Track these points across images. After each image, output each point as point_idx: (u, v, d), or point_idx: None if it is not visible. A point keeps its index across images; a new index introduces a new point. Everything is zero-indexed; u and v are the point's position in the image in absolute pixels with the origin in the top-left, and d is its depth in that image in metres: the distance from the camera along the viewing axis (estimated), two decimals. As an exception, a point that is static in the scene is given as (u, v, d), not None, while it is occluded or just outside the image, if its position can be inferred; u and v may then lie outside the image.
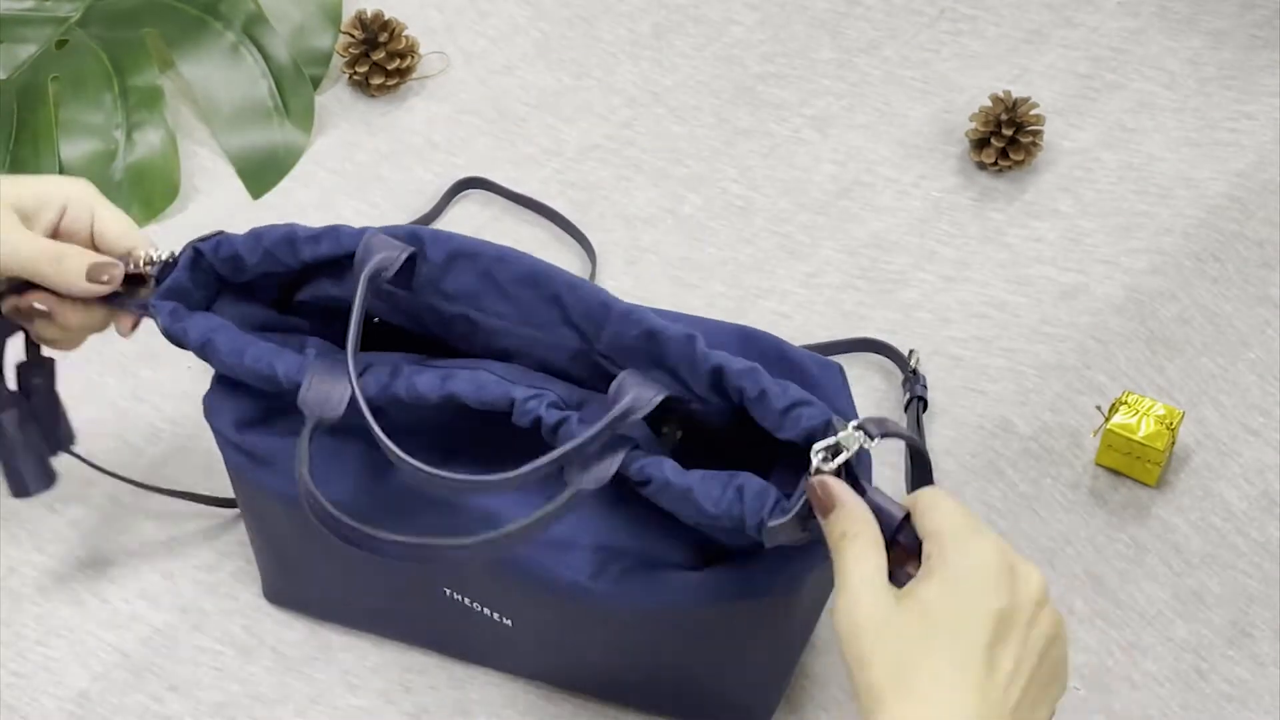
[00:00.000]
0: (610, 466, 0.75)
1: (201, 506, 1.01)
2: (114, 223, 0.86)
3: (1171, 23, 1.35)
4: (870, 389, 1.09)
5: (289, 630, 0.97)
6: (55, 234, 0.85)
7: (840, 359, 1.04)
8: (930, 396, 1.09)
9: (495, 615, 0.87)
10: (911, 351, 1.08)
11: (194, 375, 1.09)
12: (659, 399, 0.75)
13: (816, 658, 0.96)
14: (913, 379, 1.07)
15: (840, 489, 0.73)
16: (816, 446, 0.72)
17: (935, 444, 1.07)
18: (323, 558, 0.89)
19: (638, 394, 0.75)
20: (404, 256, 0.79)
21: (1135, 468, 1.04)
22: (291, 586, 0.95)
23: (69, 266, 0.83)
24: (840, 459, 0.72)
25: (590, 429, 0.74)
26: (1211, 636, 0.98)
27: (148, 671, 0.95)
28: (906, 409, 1.06)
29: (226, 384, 0.86)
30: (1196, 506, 1.04)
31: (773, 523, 0.74)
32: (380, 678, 0.95)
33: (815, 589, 0.86)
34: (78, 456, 0.93)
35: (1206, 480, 1.05)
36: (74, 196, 0.85)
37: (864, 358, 1.11)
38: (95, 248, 0.85)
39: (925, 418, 1.07)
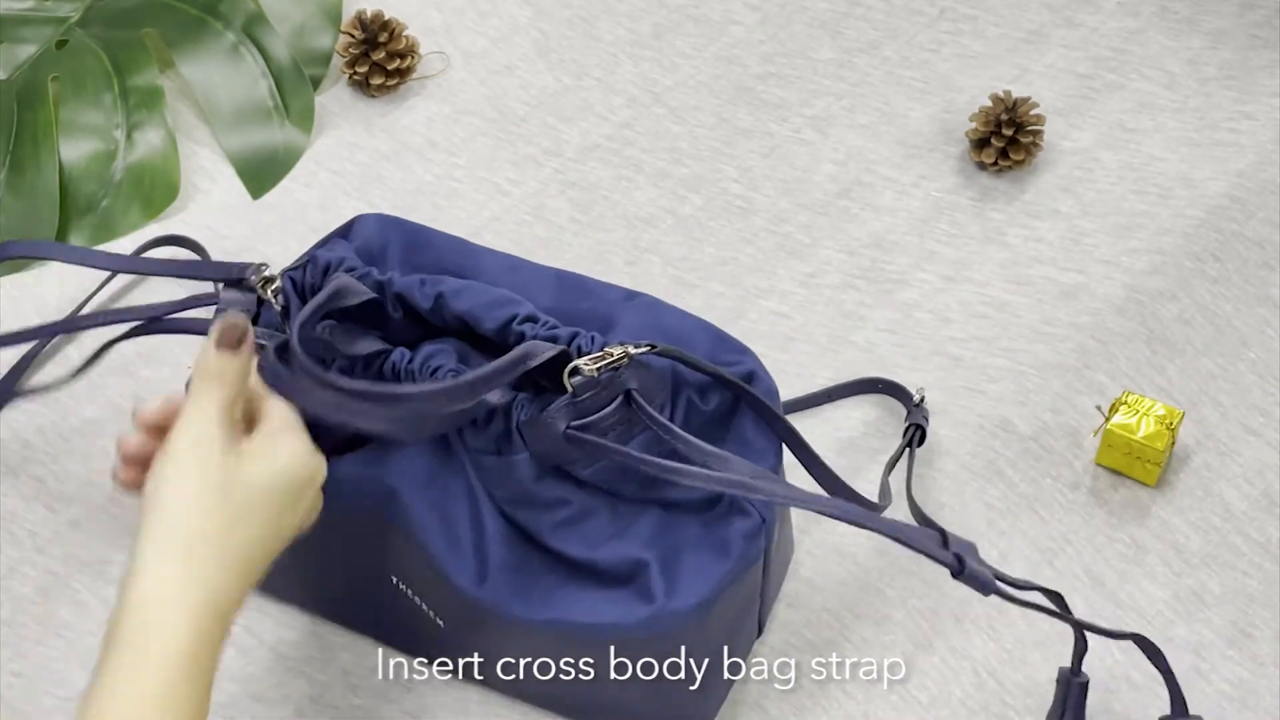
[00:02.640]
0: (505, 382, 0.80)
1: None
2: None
3: (1171, 23, 1.35)
4: (864, 416, 1.09)
5: (289, 630, 0.97)
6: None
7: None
8: (930, 396, 1.09)
9: (431, 614, 0.89)
10: (920, 389, 1.07)
11: (194, 375, 1.09)
12: (550, 354, 0.80)
13: (815, 658, 0.96)
14: (916, 410, 1.06)
15: (243, 331, 0.76)
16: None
17: (935, 444, 1.07)
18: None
19: (533, 346, 0.80)
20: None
21: (1135, 468, 1.04)
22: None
23: (212, 365, 0.77)
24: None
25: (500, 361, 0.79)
26: (1211, 636, 0.98)
27: (148, 671, 0.95)
28: (905, 436, 1.05)
29: None
30: (1196, 506, 1.04)
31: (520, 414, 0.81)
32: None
33: (727, 608, 0.87)
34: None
35: (1206, 480, 1.05)
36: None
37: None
38: None
39: (921, 450, 1.06)
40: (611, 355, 0.81)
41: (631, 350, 0.81)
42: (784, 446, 0.88)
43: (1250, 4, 1.36)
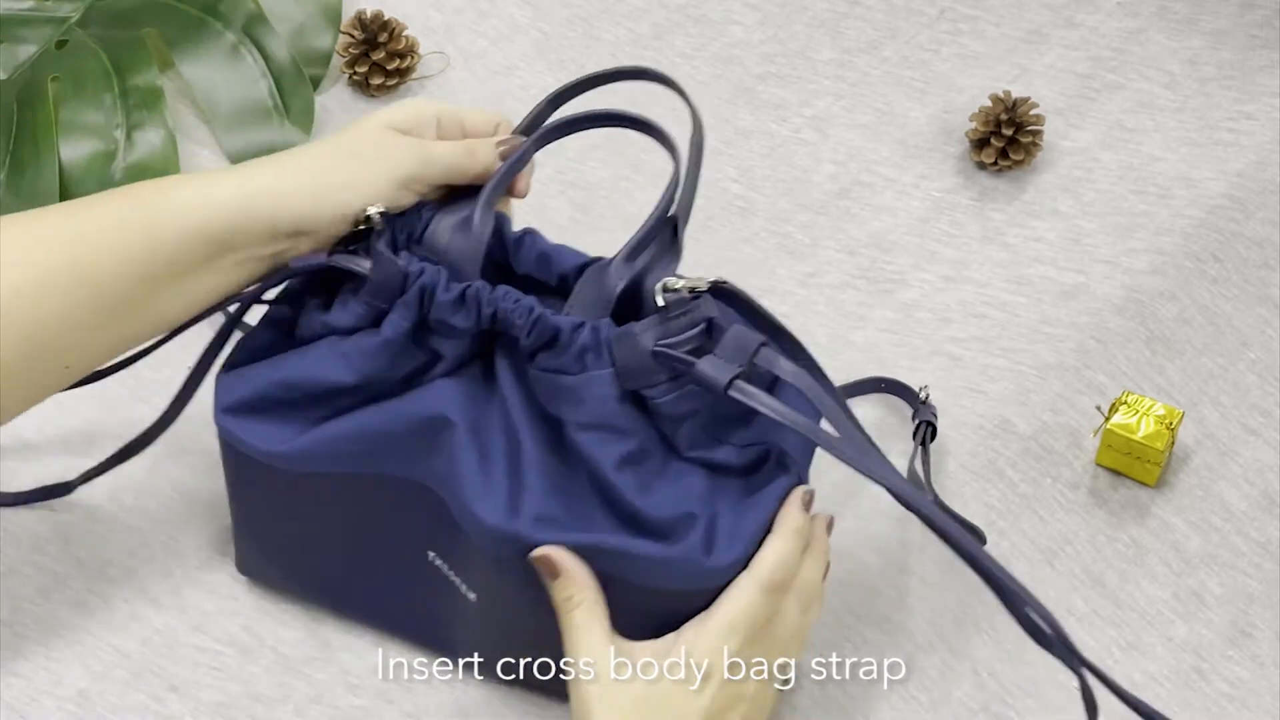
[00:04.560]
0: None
1: (198, 510, 1.01)
2: (479, 114, 0.93)
3: (1171, 23, 1.35)
4: (867, 416, 1.09)
5: (289, 630, 0.97)
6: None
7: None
8: (930, 395, 1.09)
9: (463, 587, 0.89)
10: (923, 387, 1.07)
11: (194, 375, 1.09)
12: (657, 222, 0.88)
13: (815, 658, 0.96)
14: (923, 408, 1.06)
15: (563, 558, 0.81)
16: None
17: (935, 444, 1.07)
18: (308, 523, 0.92)
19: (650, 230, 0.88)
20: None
21: (1135, 468, 1.04)
22: (268, 560, 0.96)
23: (482, 154, 0.90)
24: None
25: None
26: (1211, 636, 0.98)
27: (148, 671, 0.95)
28: (916, 435, 1.05)
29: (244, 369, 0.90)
30: (1196, 506, 1.04)
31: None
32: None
33: None
34: None
35: (1206, 480, 1.05)
36: (442, 110, 0.91)
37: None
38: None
39: (933, 447, 1.06)
40: (698, 279, 0.84)
41: (710, 279, 0.84)
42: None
43: (1250, 4, 1.36)
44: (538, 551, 0.82)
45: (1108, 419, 1.04)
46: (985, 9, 1.37)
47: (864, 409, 1.09)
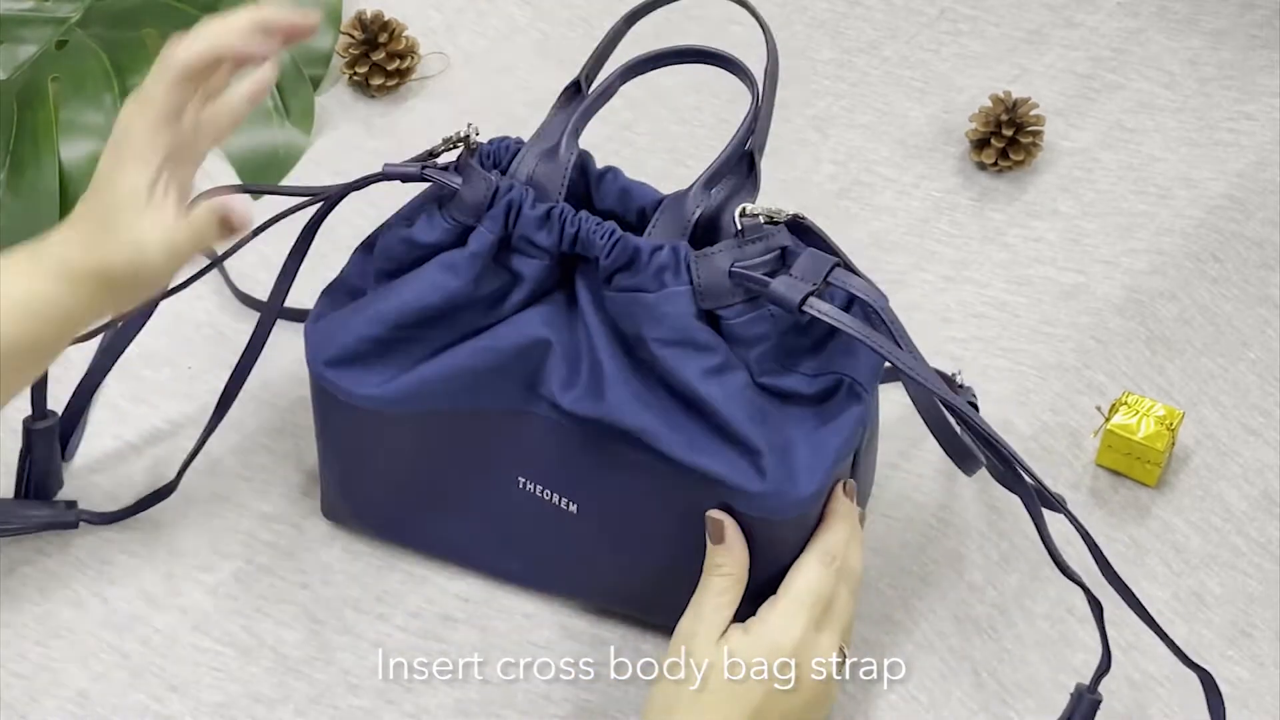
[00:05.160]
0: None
1: (198, 510, 1.02)
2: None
3: (1171, 23, 1.35)
4: (895, 403, 1.09)
5: (289, 630, 0.97)
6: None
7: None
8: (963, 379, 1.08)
9: (563, 502, 0.91)
10: (957, 372, 1.06)
11: (194, 375, 1.09)
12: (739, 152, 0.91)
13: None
14: (961, 391, 1.05)
15: (731, 530, 0.85)
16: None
17: (934, 444, 1.07)
18: (400, 461, 0.95)
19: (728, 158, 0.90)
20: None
21: (1135, 468, 1.04)
22: (355, 502, 0.99)
23: (209, 237, 0.84)
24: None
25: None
26: (1211, 636, 0.98)
27: (148, 671, 0.95)
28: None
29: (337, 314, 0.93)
30: (1196, 506, 1.04)
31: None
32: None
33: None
34: None
35: (1206, 480, 1.06)
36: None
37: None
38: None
39: (919, 451, 1.06)
40: (776, 209, 0.87)
41: (789, 210, 0.87)
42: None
43: (1250, 4, 1.36)
44: (713, 512, 0.86)
45: (1108, 419, 1.04)
46: (985, 9, 1.37)
47: (894, 397, 1.09)
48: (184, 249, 0.83)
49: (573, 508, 0.91)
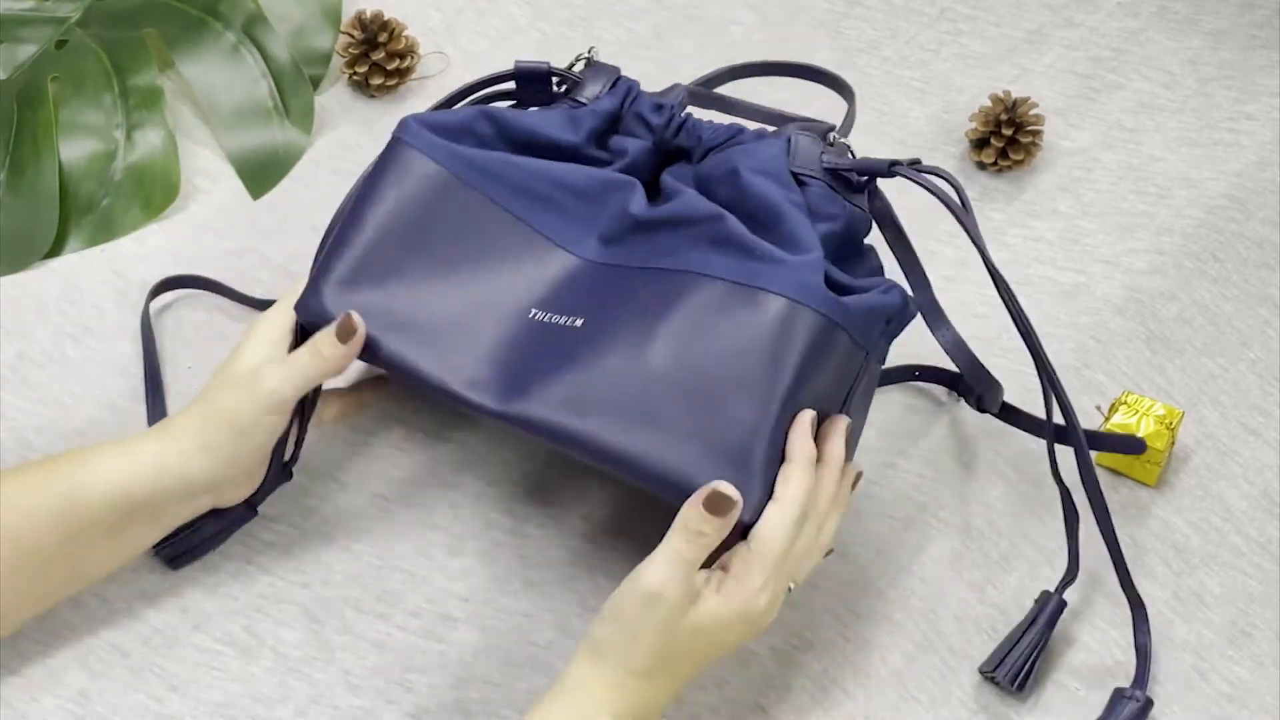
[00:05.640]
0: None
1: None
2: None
3: (1171, 23, 1.35)
4: (900, 402, 1.09)
5: (289, 630, 0.97)
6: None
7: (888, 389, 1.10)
8: (931, 395, 1.09)
9: (567, 320, 0.92)
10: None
11: (194, 375, 1.09)
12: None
13: (815, 658, 0.96)
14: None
15: (732, 518, 0.84)
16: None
17: (934, 444, 1.07)
18: (427, 248, 0.95)
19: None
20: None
21: (1135, 468, 1.04)
22: (358, 285, 0.95)
23: (328, 351, 0.93)
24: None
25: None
26: (1211, 636, 0.98)
27: (148, 671, 0.95)
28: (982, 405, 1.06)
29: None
30: (1196, 506, 1.04)
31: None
32: (380, 678, 0.95)
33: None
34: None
35: (1206, 480, 1.06)
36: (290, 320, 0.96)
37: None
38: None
39: (918, 451, 1.06)
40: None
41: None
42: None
43: (1250, 4, 1.36)
44: (724, 486, 0.84)
45: (1108, 419, 1.04)
46: (985, 9, 1.37)
47: (893, 397, 1.09)
48: (299, 380, 0.93)
49: (577, 323, 0.91)
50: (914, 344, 1.03)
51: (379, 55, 1.27)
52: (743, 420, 0.86)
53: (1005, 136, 1.22)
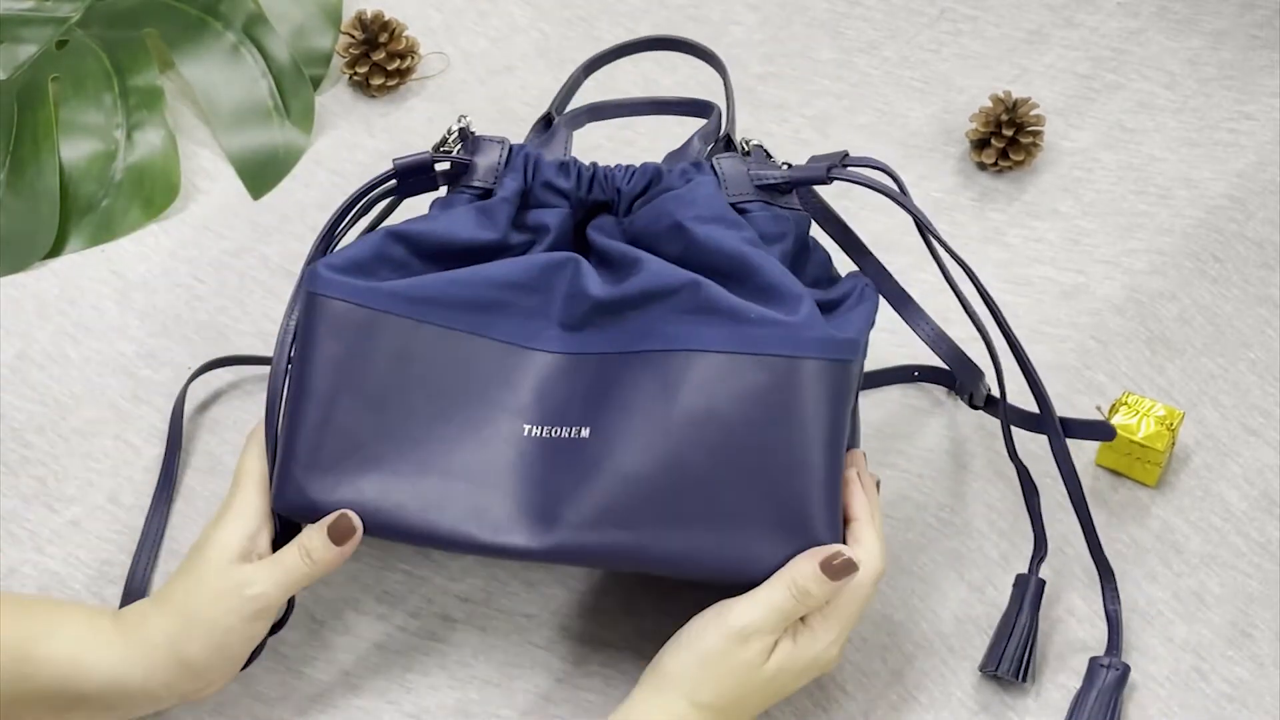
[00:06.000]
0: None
1: (198, 510, 1.01)
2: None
3: (1171, 23, 1.35)
4: (896, 400, 1.09)
5: (289, 630, 0.97)
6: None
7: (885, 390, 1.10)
8: (931, 395, 1.09)
9: (572, 432, 0.87)
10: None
11: (191, 402, 1.09)
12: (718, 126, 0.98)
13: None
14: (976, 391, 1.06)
15: (844, 581, 0.85)
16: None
17: (934, 444, 1.07)
18: (392, 399, 0.87)
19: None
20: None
21: (1135, 468, 1.04)
22: (328, 465, 0.87)
23: (318, 554, 0.86)
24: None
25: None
26: (1211, 636, 0.98)
27: (148, 671, 0.95)
28: (985, 406, 1.05)
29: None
30: (1196, 506, 1.04)
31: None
32: (380, 678, 0.95)
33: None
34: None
35: (1206, 480, 1.06)
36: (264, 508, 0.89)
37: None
38: None
39: (917, 451, 1.06)
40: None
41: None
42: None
43: (1250, 4, 1.36)
44: (834, 548, 0.85)
45: (1108, 419, 1.04)
46: (985, 9, 1.37)
47: (893, 396, 1.09)
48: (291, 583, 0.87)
49: (585, 433, 0.87)
50: (914, 343, 1.02)
51: (379, 55, 1.27)
52: (794, 489, 0.84)
53: (1005, 137, 1.22)
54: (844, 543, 0.86)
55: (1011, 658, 0.95)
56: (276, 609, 0.87)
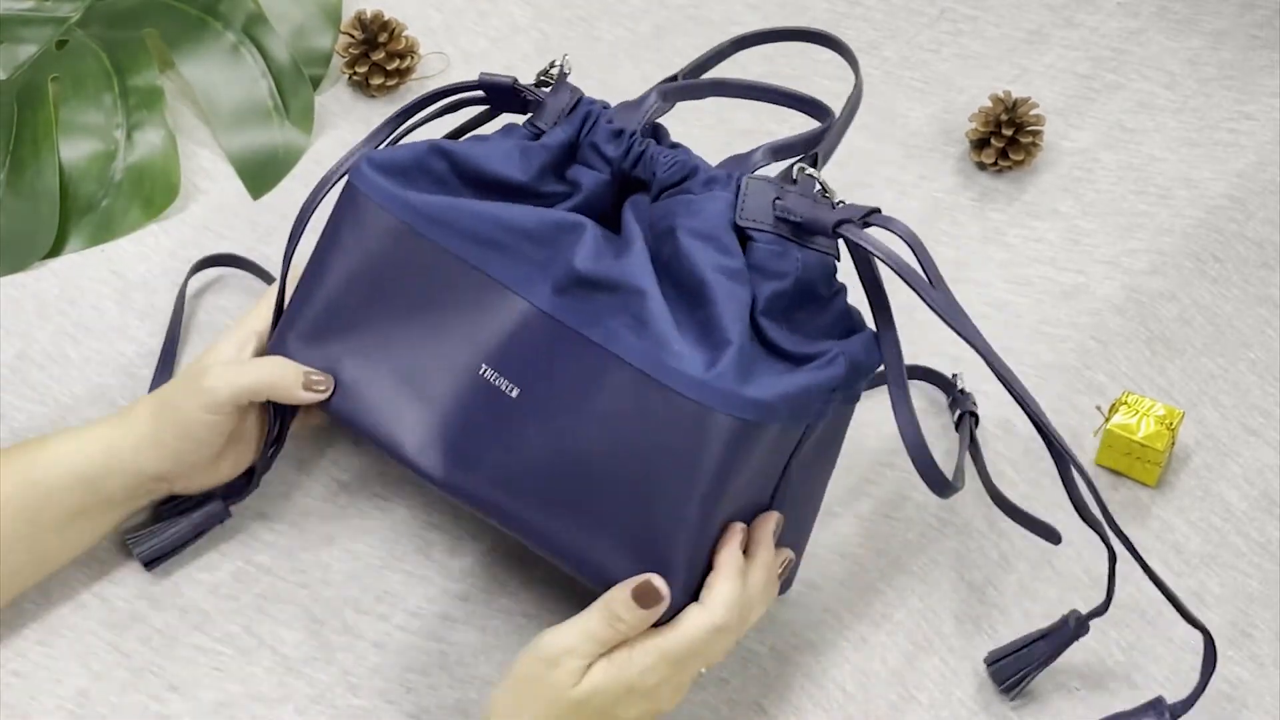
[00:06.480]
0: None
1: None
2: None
3: (1171, 23, 1.35)
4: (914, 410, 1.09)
5: (289, 630, 0.97)
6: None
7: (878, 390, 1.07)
8: (931, 396, 1.09)
9: (507, 386, 0.90)
10: (956, 375, 1.08)
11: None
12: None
13: (815, 658, 0.96)
14: (962, 398, 1.06)
15: (656, 612, 0.84)
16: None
17: (934, 444, 1.07)
18: (383, 302, 0.93)
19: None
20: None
21: (1135, 468, 1.04)
22: (314, 340, 0.95)
23: (286, 381, 0.93)
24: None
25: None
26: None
27: (148, 671, 0.95)
28: (958, 427, 1.05)
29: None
30: (1196, 506, 1.04)
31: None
32: (380, 678, 0.95)
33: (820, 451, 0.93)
34: None
35: (1206, 480, 1.06)
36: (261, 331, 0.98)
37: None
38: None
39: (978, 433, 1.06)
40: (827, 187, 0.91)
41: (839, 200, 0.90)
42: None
43: (1250, 4, 1.36)
44: (657, 580, 0.84)
45: (1108, 419, 1.04)
46: (985, 9, 1.37)
47: (886, 397, 1.09)
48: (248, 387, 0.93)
49: (514, 392, 0.89)
50: (914, 343, 1.02)
51: (379, 55, 1.27)
52: (662, 522, 0.85)
53: (1005, 137, 1.22)
54: (698, 589, 0.86)
55: (1012, 671, 0.94)
56: (228, 405, 0.93)
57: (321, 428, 1.04)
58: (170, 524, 0.97)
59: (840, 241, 0.89)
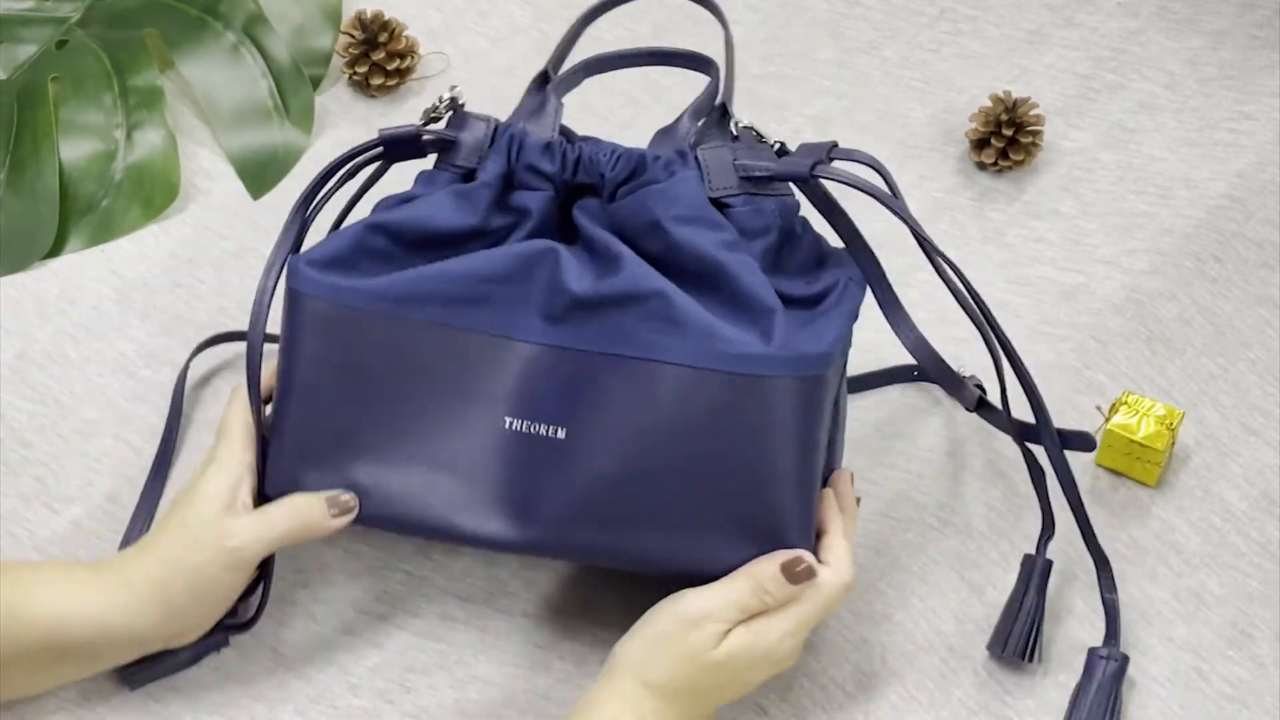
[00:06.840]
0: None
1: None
2: None
3: (1171, 23, 1.35)
4: (895, 400, 1.09)
5: (289, 630, 0.97)
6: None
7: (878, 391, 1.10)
8: (932, 395, 1.09)
9: (551, 430, 0.88)
10: (961, 366, 1.07)
11: (194, 375, 1.09)
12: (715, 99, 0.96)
13: (815, 658, 0.96)
14: (968, 379, 1.06)
15: (806, 583, 0.86)
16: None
17: (934, 444, 1.07)
18: (373, 392, 0.89)
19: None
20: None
21: (1135, 468, 1.04)
22: (312, 455, 0.90)
23: (313, 518, 0.89)
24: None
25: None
26: (1211, 636, 0.98)
27: (148, 671, 0.95)
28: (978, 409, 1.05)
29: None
30: (1196, 506, 1.04)
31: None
32: (380, 678, 0.95)
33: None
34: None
35: (1206, 480, 1.06)
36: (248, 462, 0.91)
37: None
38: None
39: (916, 451, 1.06)
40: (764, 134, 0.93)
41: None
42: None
43: (1250, 4, 1.36)
44: (808, 556, 0.86)
45: (1108, 419, 1.04)
46: (985, 9, 1.37)
47: (893, 396, 1.09)
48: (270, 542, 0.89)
49: (561, 434, 0.88)
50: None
51: (379, 55, 1.27)
52: (770, 500, 0.86)
53: (1005, 137, 1.22)
54: (815, 552, 0.88)
55: (1018, 638, 0.95)
56: (254, 563, 0.89)
57: None
58: (169, 655, 0.92)
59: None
